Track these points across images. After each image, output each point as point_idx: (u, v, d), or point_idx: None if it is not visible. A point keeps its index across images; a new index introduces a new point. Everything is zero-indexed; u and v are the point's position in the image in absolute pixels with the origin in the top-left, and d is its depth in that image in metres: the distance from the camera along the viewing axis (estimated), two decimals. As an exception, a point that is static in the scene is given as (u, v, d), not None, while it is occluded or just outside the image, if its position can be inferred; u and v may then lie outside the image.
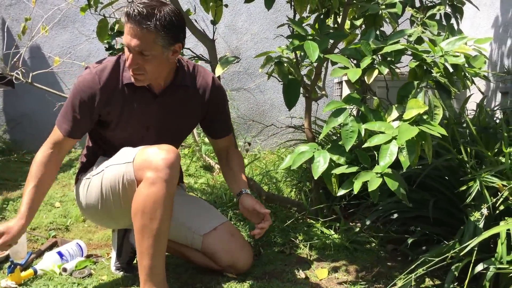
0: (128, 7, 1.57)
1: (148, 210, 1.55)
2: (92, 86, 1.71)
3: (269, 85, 4.22)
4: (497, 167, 1.79)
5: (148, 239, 1.56)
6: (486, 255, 1.67)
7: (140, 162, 1.60)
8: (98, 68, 1.72)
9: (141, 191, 1.57)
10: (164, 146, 1.62)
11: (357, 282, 1.89)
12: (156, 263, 1.58)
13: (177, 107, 1.81)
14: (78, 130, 1.76)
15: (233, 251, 1.87)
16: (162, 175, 1.54)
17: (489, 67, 3.09)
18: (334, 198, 2.37)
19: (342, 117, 1.71)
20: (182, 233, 1.89)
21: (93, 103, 1.72)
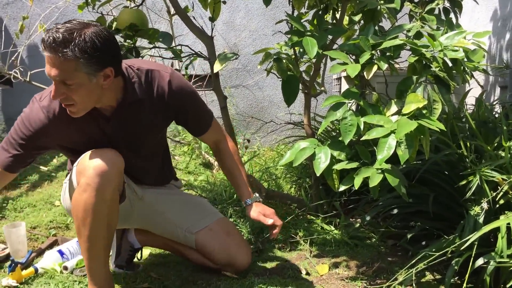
0: (45, 34, 1.42)
1: (80, 216, 1.52)
2: (36, 121, 1.58)
3: (267, 82, 4.22)
4: (496, 161, 1.79)
5: (84, 243, 1.55)
6: (487, 249, 1.68)
7: (78, 168, 1.57)
8: (44, 103, 1.58)
9: (74, 196, 1.54)
10: (104, 151, 1.54)
11: (357, 277, 1.89)
12: (93, 265, 1.56)
13: (134, 124, 1.67)
14: (18, 167, 1.66)
15: (229, 250, 1.85)
16: (91, 183, 1.50)
17: (488, 61, 3.09)
18: (334, 194, 2.37)
19: (341, 111, 1.71)
20: (174, 231, 1.87)
21: (38, 138, 1.60)
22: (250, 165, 3.15)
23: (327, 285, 1.84)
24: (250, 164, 3.17)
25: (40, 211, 2.62)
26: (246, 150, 3.89)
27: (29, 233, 2.31)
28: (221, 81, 3.21)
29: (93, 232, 1.52)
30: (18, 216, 2.58)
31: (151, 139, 1.77)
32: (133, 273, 1.90)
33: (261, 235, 2.26)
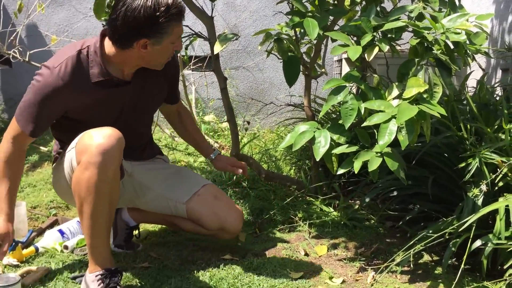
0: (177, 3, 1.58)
1: (83, 194, 1.53)
2: (56, 89, 1.61)
3: (268, 64, 4.20)
4: (496, 143, 1.79)
5: (85, 220, 1.56)
6: (485, 231, 1.69)
7: (79, 147, 1.57)
8: (60, 69, 1.61)
9: (76, 174, 1.55)
10: (104, 129, 1.56)
11: (356, 258, 1.91)
12: (95, 243, 1.57)
13: (149, 86, 1.78)
14: (41, 130, 1.69)
15: (219, 213, 1.85)
16: (94, 161, 1.50)
17: (490, 43, 3.07)
18: (333, 176, 2.37)
19: (342, 95, 1.71)
20: (165, 204, 1.89)
21: (58, 105, 1.65)
22: (249, 147, 3.15)
23: (325, 265, 1.86)
24: (249, 146, 3.17)
25: (41, 191, 2.63)
26: (246, 132, 3.89)
27: (30, 213, 2.32)
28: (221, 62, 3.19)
29: (95, 210, 1.53)
30: (19, 196, 2.58)
31: (154, 109, 1.94)
32: (132, 253, 1.91)
33: (260, 216, 2.27)
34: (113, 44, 1.63)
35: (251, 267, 1.80)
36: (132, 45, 1.60)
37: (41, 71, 1.64)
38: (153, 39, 1.59)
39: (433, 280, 1.73)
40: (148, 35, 1.58)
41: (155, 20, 1.55)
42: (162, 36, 1.59)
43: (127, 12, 1.54)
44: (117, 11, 1.56)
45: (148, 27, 1.56)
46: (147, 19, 1.54)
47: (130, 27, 1.56)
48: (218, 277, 1.70)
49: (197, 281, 1.68)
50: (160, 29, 1.57)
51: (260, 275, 1.74)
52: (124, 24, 1.56)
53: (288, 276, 1.74)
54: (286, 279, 1.72)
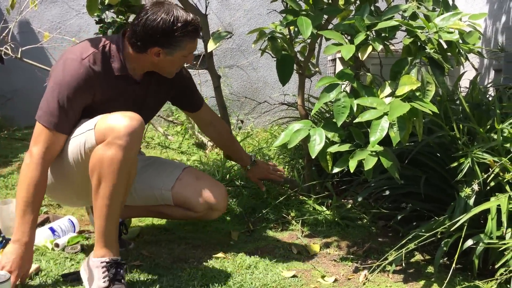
0: (195, 21, 1.67)
1: (104, 172, 1.54)
2: (88, 79, 1.64)
3: (262, 62, 4.19)
4: (488, 143, 1.80)
5: (101, 200, 1.56)
6: (476, 231, 1.69)
7: (101, 128, 1.57)
8: (89, 60, 1.66)
9: (98, 153, 1.55)
10: (127, 112, 1.59)
11: (348, 257, 1.91)
12: (108, 225, 1.57)
13: (153, 89, 1.84)
14: (71, 125, 1.67)
15: (203, 192, 1.89)
16: (121, 140, 1.53)
17: (483, 43, 3.08)
18: (326, 175, 2.38)
19: (335, 93, 1.71)
20: (150, 194, 1.92)
21: (87, 95, 1.67)
22: (243, 146, 3.15)
23: (318, 264, 1.85)
24: (243, 145, 3.17)
25: (32, 188, 2.61)
26: (239, 130, 3.89)
27: (21, 211, 2.30)
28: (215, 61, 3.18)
29: (114, 190, 1.55)
30: (9, 193, 2.57)
31: (154, 110, 1.99)
32: (124, 251, 1.90)
33: (253, 214, 2.27)
34: (129, 46, 1.70)
35: (243, 265, 1.80)
36: (146, 51, 1.68)
37: (65, 63, 1.65)
38: (166, 49, 1.68)
39: (425, 279, 1.73)
40: (162, 45, 1.67)
41: (171, 34, 1.64)
42: (175, 49, 1.68)
43: (147, 21, 1.63)
44: (139, 18, 1.65)
45: (164, 38, 1.65)
46: (164, 31, 1.63)
47: (147, 34, 1.64)
48: (210, 276, 1.70)
49: (189, 279, 1.67)
50: (174, 42, 1.66)
51: (252, 273, 1.74)
52: (143, 31, 1.64)
53: (280, 274, 1.74)
54: (278, 278, 1.71)
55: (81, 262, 1.81)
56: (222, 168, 2.67)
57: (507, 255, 1.55)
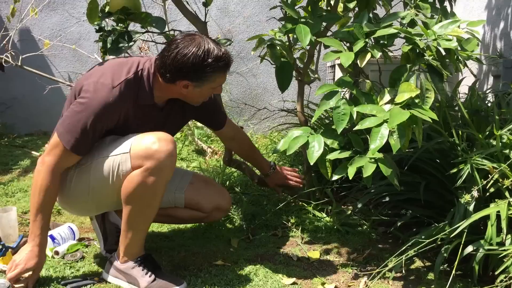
0: (227, 55, 1.67)
1: (144, 197, 1.62)
2: (113, 106, 1.64)
3: (261, 69, 4.20)
4: (488, 149, 1.80)
5: (137, 218, 1.65)
6: (476, 237, 1.69)
7: (138, 151, 1.61)
8: (120, 88, 1.65)
9: (137, 178, 1.60)
10: (161, 134, 1.63)
11: (348, 264, 1.90)
12: (139, 236, 1.70)
13: (174, 115, 1.87)
14: (88, 148, 1.69)
15: (214, 195, 2.03)
16: (161, 167, 1.59)
17: (481, 50, 3.09)
18: (326, 182, 2.38)
19: (334, 100, 1.71)
20: (164, 198, 1.93)
21: (112, 121, 1.68)
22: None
23: (318, 271, 1.85)
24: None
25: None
26: (239, 137, 3.88)
27: (20, 218, 2.30)
28: (215, 67, 3.18)
29: (150, 210, 1.67)
30: (10, 201, 2.57)
31: (178, 130, 2.03)
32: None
33: (253, 221, 2.27)
34: (158, 75, 1.71)
35: (243, 273, 1.80)
36: (175, 83, 1.68)
37: (96, 87, 1.64)
38: (195, 82, 1.68)
39: (425, 285, 1.73)
40: (191, 79, 1.67)
41: (201, 69, 1.64)
42: (204, 83, 1.69)
43: (177, 55, 1.63)
44: (170, 51, 1.64)
45: (193, 73, 1.65)
46: (194, 66, 1.63)
47: (177, 68, 1.64)
48: (210, 283, 1.70)
49: (189, 287, 1.67)
50: (204, 77, 1.67)
51: (252, 281, 1.74)
52: (172, 64, 1.64)
53: (280, 282, 1.74)
54: (278, 285, 1.71)
55: (81, 269, 1.81)
56: (221, 175, 2.68)
57: (507, 261, 1.55)
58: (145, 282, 1.65)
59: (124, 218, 1.66)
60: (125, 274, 1.69)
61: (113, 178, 1.67)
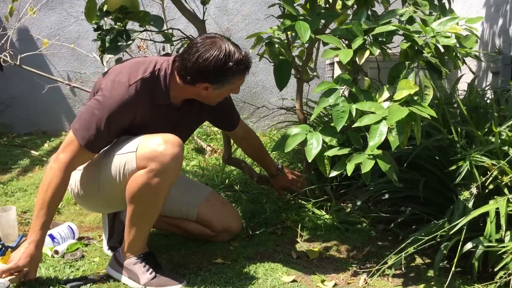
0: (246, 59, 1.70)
1: (147, 198, 1.63)
2: (129, 104, 1.66)
3: (261, 67, 4.20)
4: (487, 146, 1.80)
5: (140, 217, 1.67)
6: (475, 234, 1.69)
7: (144, 154, 1.62)
8: (136, 87, 1.67)
9: (140, 178, 1.61)
10: (168, 136, 1.64)
11: (348, 261, 1.91)
12: (142, 235, 1.71)
13: (191, 114, 1.89)
14: (103, 145, 1.72)
15: (226, 217, 2.05)
16: (165, 170, 1.60)
17: (480, 47, 3.09)
18: (325, 179, 2.38)
19: (333, 97, 1.71)
20: (177, 208, 2.00)
21: (127, 119, 1.70)
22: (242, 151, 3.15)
23: (317, 269, 1.85)
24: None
25: (31, 195, 2.62)
26: (238, 135, 3.88)
27: (20, 217, 2.30)
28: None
29: (153, 211, 1.68)
30: (9, 200, 2.57)
31: (192, 130, 2.05)
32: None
33: (253, 219, 2.27)
34: (178, 76, 1.72)
35: (242, 271, 1.80)
36: (195, 85, 1.70)
37: (113, 86, 1.66)
38: (215, 85, 1.71)
39: (425, 282, 1.73)
40: (212, 82, 1.69)
41: (223, 72, 1.67)
42: (224, 85, 1.72)
43: (199, 59, 1.64)
44: (191, 54, 1.66)
45: (215, 76, 1.67)
46: (216, 69, 1.65)
47: (198, 71, 1.66)
48: (209, 281, 1.70)
49: (188, 285, 1.67)
50: (224, 79, 1.69)
51: (251, 279, 1.74)
52: (193, 67, 1.66)
53: (280, 279, 1.74)
54: (278, 283, 1.71)
55: (80, 268, 1.81)
56: (221, 173, 2.68)
57: (506, 258, 1.56)
58: (145, 279, 1.66)
59: (128, 216, 1.68)
60: (127, 270, 1.70)
61: (120, 177, 1.68)
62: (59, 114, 4.08)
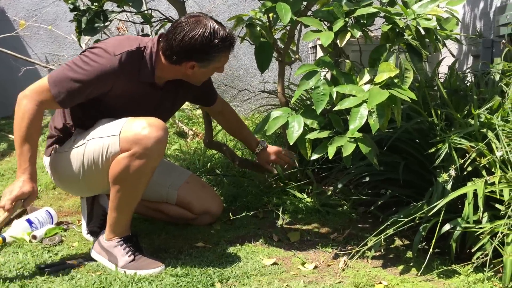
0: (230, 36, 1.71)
1: (129, 181, 1.63)
2: (112, 74, 1.66)
3: (243, 50, 4.16)
4: (466, 129, 1.82)
5: (122, 200, 1.66)
6: (454, 215, 1.71)
7: (127, 137, 1.61)
8: (121, 58, 1.66)
9: (123, 161, 1.61)
10: (152, 120, 1.64)
11: (328, 243, 1.92)
12: (124, 217, 1.71)
13: (173, 94, 1.87)
14: (73, 104, 1.71)
15: (206, 199, 2.06)
16: (149, 153, 1.60)
17: (461, 30, 3.10)
18: (307, 163, 2.38)
19: (314, 80, 1.70)
20: (157, 191, 2.00)
21: (103, 89, 1.69)
22: (224, 134, 3.13)
23: (298, 251, 1.86)
24: (223, 133, 3.15)
25: (9, 180, 2.57)
26: (220, 119, 3.86)
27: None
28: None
29: (135, 193, 1.67)
30: (-14, 185, 2.53)
31: (174, 111, 2.06)
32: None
33: (234, 203, 2.26)
34: (163, 57, 1.72)
35: (223, 254, 1.80)
36: (181, 64, 1.70)
37: (99, 52, 1.66)
38: (201, 63, 1.71)
39: (404, 264, 1.75)
40: (198, 60, 1.70)
41: (208, 50, 1.67)
42: (210, 63, 1.72)
43: (184, 38, 1.64)
44: (175, 34, 1.65)
45: (201, 54, 1.68)
46: (201, 47, 1.66)
47: (184, 50, 1.66)
48: (190, 265, 1.69)
49: (169, 269, 1.67)
50: (210, 57, 1.70)
51: (232, 262, 1.74)
52: (179, 46, 1.65)
53: (260, 262, 1.74)
54: (259, 266, 1.72)
55: (59, 253, 1.79)
56: (203, 157, 2.66)
57: (483, 239, 1.58)
58: (123, 262, 1.66)
59: (111, 198, 1.68)
60: (107, 252, 1.70)
61: (102, 160, 1.67)
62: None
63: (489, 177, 1.64)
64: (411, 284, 1.60)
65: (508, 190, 1.59)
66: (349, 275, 1.66)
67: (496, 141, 1.72)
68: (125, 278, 1.57)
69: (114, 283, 1.54)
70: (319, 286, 1.54)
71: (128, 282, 1.54)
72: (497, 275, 1.58)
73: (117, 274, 1.61)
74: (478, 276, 1.59)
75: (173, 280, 1.57)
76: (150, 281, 1.56)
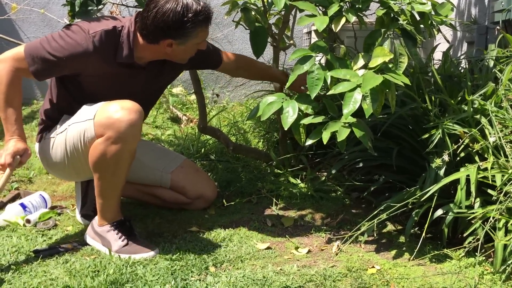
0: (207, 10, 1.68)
1: (107, 166, 1.62)
2: (86, 53, 1.65)
3: (237, 35, 4.14)
4: (459, 115, 1.82)
5: (105, 186, 1.66)
6: (446, 201, 1.73)
7: (101, 121, 1.61)
8: (95, 37, 1.66)
9: (99, 147, 1.60)
10: (126, 103, 1.62)
11: (322, 228, 1.93)
12: (111, 202, 1.70)
13: (159, 74, 1.85)
14: (46, 77, 1.72)
15: (200, 184, 2.06)
16: (124, 136, 1.58)
17: (456, 16, 3.09)
18: (301, 148, 2.38)
19: (308, 65, 1.70)
20: (151, 175, 2.01)
21: (77, 66, 1.68)
22: (218, 119, 3.13)
23: (291, 236, 1.87)
24: (218, 118, 3.15)
25: None
26: (214, 104, 3.86)
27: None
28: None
29: (117, 179, 1.66)
30: (-21, 170, 2.51)
31: (161, 93, 2.04)
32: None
33: (228, 188, 2.27)
34: (140, 36, 1.70)
35: (217, 238, 1.81)
36: (158, 43, 1.69)
37: (75, 29, 1.66)
38: (178, 40, 1.68)
39: (396, 248, 1.77)
40: (174, 37, 1.67)
41: (182, 25, 1.64)
42: (187, 39, 1.69)
43: (157, 14, 1.62)
44: (149, 11, 1.64)
45: (175, 30, 1.65)
46: (175, 23, 1.63)
47: (158, 27, 1.64)
48: (184, 249, 1.70)
49: (163, 253, 1.67)
50: (186, 33, 1.67)
51: (226, 246, 1.75)
52: (153, 24, 1.64)
53: (254, 247, 1.75)
54: (253, 250, 1.73)
55: (53, 237, 1.80)
56: (197, 143, 2.66)
57: (475, 224, 1.59)
58: (117, 246, 1.66)
59: (95, 185, 1.67)
60: (100, 237, 1.70)
61: (81, 145, 1.67)
62: (30, 82, 3.97)
63: (482, 163, 1.65)
64: (404, 268, 1.61)
65: (500, 175, 1.60)
66: (342, 259, 1.67)
67: (489, 127, 1.72)
68: (120, 262, 1.58)
69: (109, 267, 1.54)
70: (313, 270, 1.56)
71: (123, 266, 1.55)
72: (488, 260, 1.60)
73: (111, 258, 1.62)
74: (470, 260, 1.61)
75: (168, 264, 1.58)
76: (144, 264, 1.57)
